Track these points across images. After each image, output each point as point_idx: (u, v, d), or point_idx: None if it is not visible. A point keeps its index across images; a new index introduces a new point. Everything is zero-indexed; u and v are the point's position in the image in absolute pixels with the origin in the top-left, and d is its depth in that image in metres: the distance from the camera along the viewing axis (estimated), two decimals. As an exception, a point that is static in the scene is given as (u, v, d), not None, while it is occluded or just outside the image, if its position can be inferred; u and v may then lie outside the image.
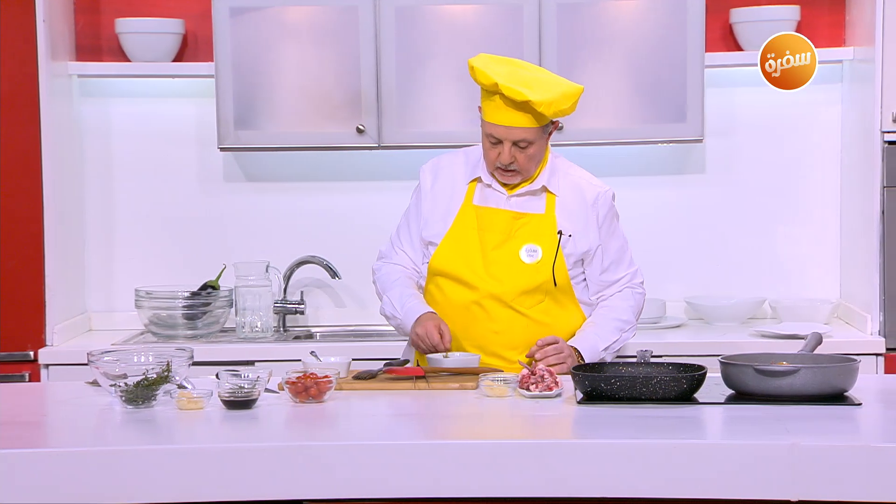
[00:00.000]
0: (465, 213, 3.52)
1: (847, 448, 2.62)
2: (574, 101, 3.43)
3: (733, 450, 2.64)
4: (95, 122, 4.72)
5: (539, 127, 3.41)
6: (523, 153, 3.43)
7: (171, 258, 4.76)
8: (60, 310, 4.40)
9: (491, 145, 3.45)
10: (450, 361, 3.36)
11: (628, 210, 4.73)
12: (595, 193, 3.54)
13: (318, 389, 3.06)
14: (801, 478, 2.59)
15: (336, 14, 4.41)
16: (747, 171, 4.75)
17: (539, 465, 2.64)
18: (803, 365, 3.00)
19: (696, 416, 2.90)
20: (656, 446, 2.65)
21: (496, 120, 3.40)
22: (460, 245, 3.49)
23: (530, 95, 3.34)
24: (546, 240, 3.48)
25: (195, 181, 4.77)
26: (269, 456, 2.65)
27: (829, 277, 4.74)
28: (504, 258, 3.47)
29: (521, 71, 3.44)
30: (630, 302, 3.57)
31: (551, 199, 3.51)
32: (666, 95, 4.41)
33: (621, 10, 4.40)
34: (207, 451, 2.68)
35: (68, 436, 2.93)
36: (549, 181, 3.51)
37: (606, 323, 3.52)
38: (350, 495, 2.65)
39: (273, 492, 2.64)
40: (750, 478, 2.60)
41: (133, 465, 2.65)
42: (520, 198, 3.51)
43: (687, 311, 4.72)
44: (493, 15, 4.40)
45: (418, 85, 4.42)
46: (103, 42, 4.67)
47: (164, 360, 3.06)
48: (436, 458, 2.65)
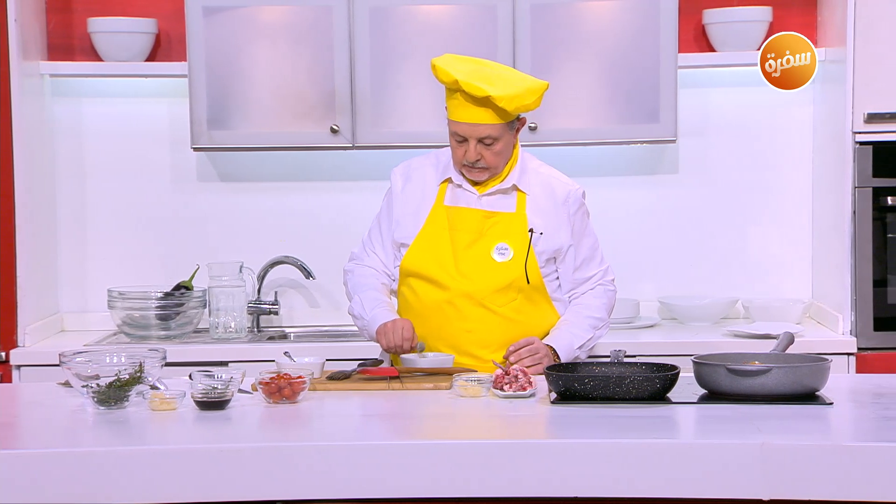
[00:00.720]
0: (437, 214, 3.52)
1: (818, 447, 2.64)
2: (538, 97, 3.43)
3: (705, 449, 2.65)
4: (68, 122, 4.70)
5: (504, 123, 3.42)
6: (489, 150, 3.44)
7: (145, 258, 4.74)
8: (32, 310, 4.38)
9: (457, 143, 3.46)
10: (424, 361, 3.36)
11: (602, 210, 4.75)
12: (566, 191, 3.55)
13: (292, 390, 3.06)
14: (773, 477, 2.61)
15: (310, 14, 4.41)
16: (720, 172, 4.77)
17: (512, 465, 2.64)
18: (775, 364, 3.02)
19: (668, 416, 2.91)
20: (629, 446, 2.66)
21: (460, 118, 3.41)
22: (431, 245, 3.50)
23: (490, 91, 3.35)
24: (517, 238, 3.48)
25: (168, 181, 4.76)
26: (243, 457, 2.65)
27: (801, 277, 4.77)
28: (475, 257, 3.48)
29: (484, 69, 3.44)
30: (603, 300, 3.59)
31: (522, 198, 3.52)
32: (639, 96, 4.42)
33: (595, 10, 4.41)
34: (180, 451, 2.67)
35: (40, 437, 2.92)
36: (519, 180, 3.52)
37: (580, 321, 3.53)
38: (324, 496, 2.65)
39: (246, 493, 2.64)
40: (722, 477, 2.62)
41: (105, 467, 2.64)
42: (490, 197, 3.51)
43: (660, 311, 4.74)
44: (467, 15, 4.40)
45: (392, 85, 4.42)
46: (75, 41, 4.65)
47: (136, 361, 3.05)
48: (409, 459, 2.65)
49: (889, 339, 4.31)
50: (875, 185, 4.30)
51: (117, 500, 2.63)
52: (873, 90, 4.26)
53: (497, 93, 3.36)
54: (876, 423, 2.87)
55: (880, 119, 4.27)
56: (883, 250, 4.33)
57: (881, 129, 4.28)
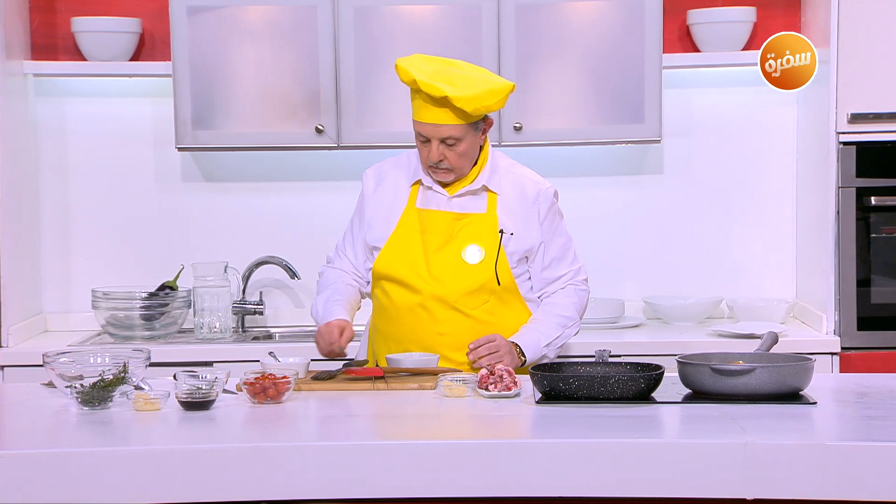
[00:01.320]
0: (408, 217, 3.51)
1: (802, 447, 2.64)
2: (501, 98, 3.41)
3: (689, 449, 2.65)
4: (51, 122, 4.69)
5: (466, 124, 3.40)
6: (452, 151, 3.42)
7: (129, 259, 4.73)
8: (16, 310, 4.36)
9: (421, 144, 3.45)
10: (409, 361, 3.36)
11: (586, 210, 4.77)
12: (536, 190, 3.53)
13: (277, 390, 3.05)
14: (757, 476, 2.61)
15: (294, 14, 4.40)
16: (705, 172, 4.78)
17: (496, 465, 2.64)
18: (759, 364, 3.02)
19: (653, 416, 2.92)
20: (613, 445, 2.66)
21: (422, 118, 3.40)
22: (403, 248, 3.49)
23: (448, 91, 3.33)
24: (488, 239, 3.47)
25: (153, 181, 4.75)
26: (227, 457, 2.64)
27: (785, 277, 4.78)
28: (446, 260, 3.46)
29: (450, 69, 3.43)
30: (573, 298, 3.56)
31: (493, 198, 3.51)
32: (624, 96, 4.43)
33: (579, 11, 4.42)
34: (164, 452, 2.66)
35: (23, 437, 2.90)
36: (489, 180, 3.50)
37: (549, 319, 3.51)
38: (308, 496, 2.64)
39: (231, 493, 2.63)
40: (706, 477, 2.62)
41: (89, 467, 2.63)
42: (461, 198, 3.50)
43: (645, 311, 4.75)
44: (451, 15, 4.41)
45: (377, 85, 4.42)
46: (59, 41, 4.64)
47: (120, 361, 3.04)
48: (394, 459, 2.65)
49: (873, 338, 4.33)
50: (859, 185, 4.32)
51: (101, 500, 2.62)
52: (857, 90, 4.27)
53: (455, 93, 3.34)
54: (859, 423, 2.87)
55: (864, 119, 4.28)
56: (866, 250, 4.34)
57: (865, 130, 4.29)
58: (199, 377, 3.05)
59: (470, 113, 3.37)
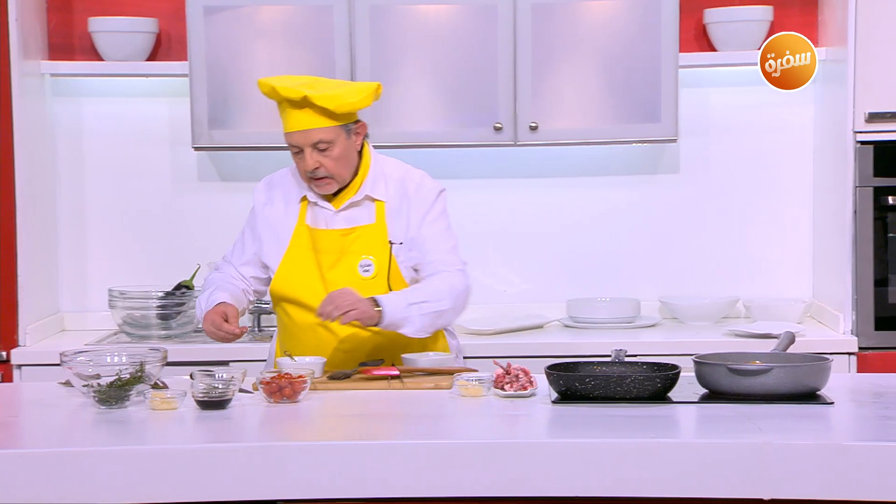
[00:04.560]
0: (299, 235, 3.45)
1: (819, 447, 2.64)
2: (364, 96, 3.36)
3: (706, 449, 2.65)
4: (68, 122, 4.70)
5: (336, 126, 3.35)
6: (326, 156, 3.36)
7: (145, 258, 4.74)
8: (33, 310, 4.38)
9: (296, 156, 3.39)
10: (425, 361, 3.36)
11: (603, 210, 4.77)
12: (416, 186, 3.46)
13: (293, 390, 3.06)
14: (774, 476, 2.61)
15: (310, 13, 4.41)
16: (721, 171, 4.77)
17: (513, 465, 2.64)
18: (776, 364, 3.02)
19: (669, 416, 2.91)
20: (630, 446, 2.65)
21: (290, 128, 3.36)
22: (297, 268, 3.43)
23: (307, 91, 3.30)
24: (378, 251, 3.41)
25: (169, 181, 4.76)
26: (243, 456, 2.65)
27: (801, 277, 4.76)
28: (341, 277, 3.40)
29: (314, 81, 3.41)
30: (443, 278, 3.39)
31: (381, 207, 3.44)
32: (640, 95, 4.42)
33: (596, 10, 4.41)
34: (181, 451, 2.67)
35: (41, 436, 2.92)
36: (372, 189, 3.43)
37: (415, 287, 3.37)
38: (324, 495, 2.65)
39: (247, 492, 2.64)
40: (723, 476, 2.62)
41: (106, 466, 2.64)
42: (347, 211, 3.44)
43: (661, 311, 4.74)
44: (467, 15, 4.40)
45: (393, 85, 4.42)
46: (76, 41, 4.65)
47: (137, 361, 3.05)
48: (410, 459, 2.65)
49: (890, 338, 4.31)
50: (876, 185, 4.30)
51: (118, 499, 2.63)
52: (874, 90, 4.26)
53: (314, 93, 3.31)
54: (876, 423, 2.86)
55: (881, 118, 4.27)
56: (884, 250, 4.32)
57: (882, 129, 4.28)
58: (215, 376, 3.05)
59: (334, 111, 3.32)
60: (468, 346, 4.25)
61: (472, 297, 4.70)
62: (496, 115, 4.43)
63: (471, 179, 4.77)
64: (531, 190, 4.77)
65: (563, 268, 4.78)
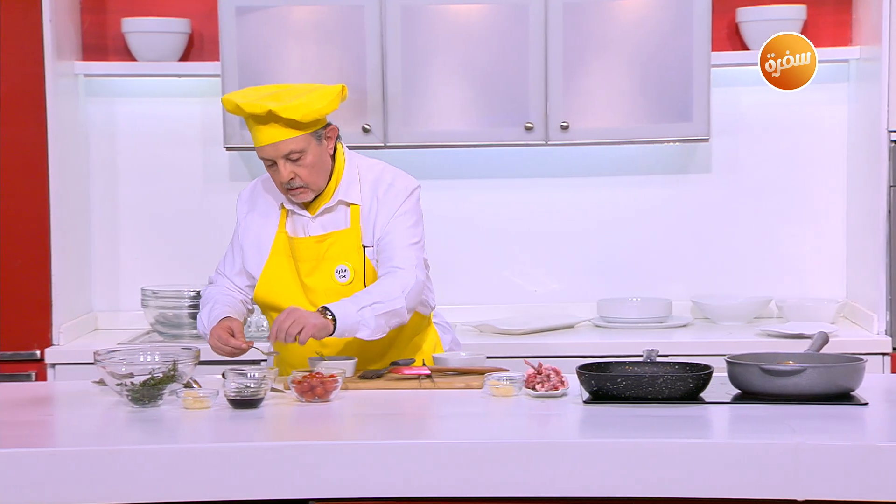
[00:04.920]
0: (280, 243, 3.43)
1: (853, 447, 2.62)
2: (330, 100, 3.32)
3: (739, 449, 2.63)
4: (101, 122, 4.73)
5: (305, 134, 3.31)
6: (299, 166, 3.32)
7: (177, 257, 4.76)
8: (66, 309, 4.40)
9: (270, 169, 3.36)
10: (455, 361, 3.36)
11: (634, 210, 4.75)
12: (386, 188, 3.41)
13: (324, 389, 3.06)
14: (807, 477, 2.59)
15: (342, 13, 4.41)
16: (753, 171, 4.75)
17: (545, 465, 2.64)
18: (809, 364, 3.00)
19: (702, 416, 2.90)
20: (662, 446, 2.64)
21: (260, 142, 3.32)
22: (278, 276, 3.42)
23: (271, 105, 3.27)
24: (353, 256, 3.38)
25: (201, 180, 4.78)
26: (275, 455, 2.66)
27: (835, 277, 4.74)
28: (319, 284, 3.38)
29: (279, 90, 3.36)
30: (397, 277, 3.31)
31: (356, 211, 3.41)
32: (672, 95, 4.40)
33: (627, 9, 4.40)
34: (213, 450, 2.68)
35: (74, 435, 2.93)
36: (346, 193, 3.40)
37: (367, 290, 3.30)
38: (355, 495, 2.65)
39: (279, 491, 2.64)
40: (756, 477, 2.60)
41: (139, 465, 2.65)
42: (323, 217, 3.41)
43: (693, 311, 4.72)
44: (498, 14, 4.40)
45: (424, 84, 4.42)
46: (109, 41, 4.68)
47: (170, 360, 3.06)
48: (441, 458, 2.65)
49: (924, 339, 4.28)
50: (910, 184, 4.28)
51: (151, 498, 2.64)
52: (909, 88, 4.23)
53: (278, 105, 3.27)
54: (911, 424, 2.85)
55: (916, 117, 4.23)
56: (918, 250, 4.29)
57: (917, 128, 4.25)
58: (247, 375, 3.06)
59: (300, 121, 3.28)
60: (498, 346, 4.25)
61: (503, 297, 4.78)
62: (527, 115, 4.42)
63: (501, 179, 4.77)
64: (562, 189, 4.76)
65: (594, 267, 4.77)
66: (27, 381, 4.20)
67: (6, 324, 4.28)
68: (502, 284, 4.78)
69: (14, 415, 3.04)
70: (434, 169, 4.73)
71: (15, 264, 4.30)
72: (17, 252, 4.30)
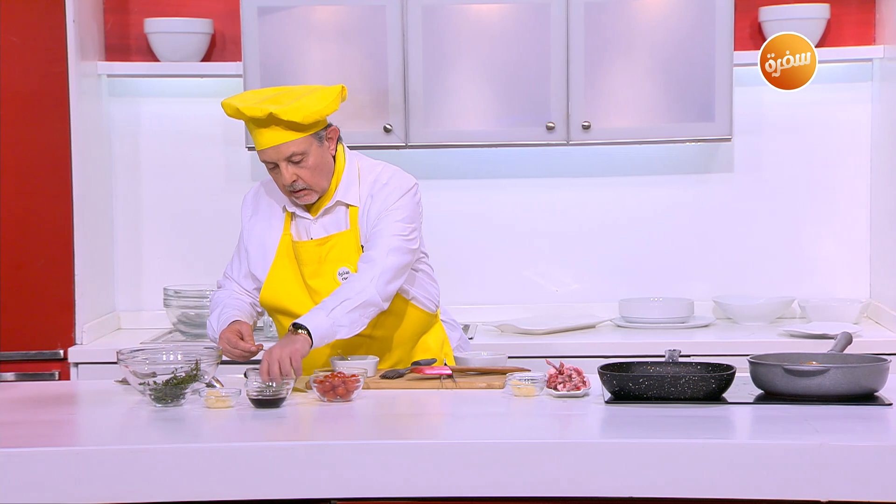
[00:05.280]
0: (284, 246, 3.43)
1: (877, 448, 2.61)
2: (330, 101, 3.31)
3: (762, 450, 2.62)
4: (124, 122, 4.75)
5: (307, 136, 3.31)
6: (303, 168, 3.32)
7: (199, 257, 4.77)
8: (89, 308, 4.42)
9: (272, 171, 3.36)
10: (477, 361, 3.36)
11: (656, 209, 4.74)
12: (381, 188, 3.39)
13: (346, 388, 3.07)
14: (831, 478, 2.58)
15: (363, 13, 4.42)
16: (776, 171, 4.73)
17: (566, 465, 2.64)
18: (833, 365, 2.99)
19: (724, 416, 2.89)
20: (685, 446, 2.64)
21: (261, 145, 3.32)
22: (283, 279, 3.41)
23: (271, 108, 3.26)
24: (354, 258, 3.37)
25: (223, 180, 4.79)
26: (297, 455, 2.66)
27: (858, 277, 4.72)
28: (323, 286, 3.37)
29: (279, 93, 3.35)
30: (361, 269, 3.29)
31: (354, 212, 3.40)
32: (694, 94, 4.39)
33: (649, 8, 4.39)
34: (236, 449, 2.69)
35: (97, 434, 2.95)
36: (345, 195, 3.39)
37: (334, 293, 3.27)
38: (377, 494, 2.65)
39: (301, 490, 2.65)
40: (779, 478, 2.59)
41: (161, 464, 2.66)
42: (324, 218, 3.41)
43: (715, 311, 4.71)
44: (520, 14, 4.40)
45: (445, 84, 4.42)
46: (132, 42, 4.70)
47: (192, 359, 3.07)
48: (463, 458, 2.65)
49: (948, 339, 4.25)
50: (934, 184, 4.25)
51: (173, 497, 2.65)
52: (932, 87, 4.21)
53: (278, 108, 3.26)
54: (936, 425, 2.83)
55: (940, 117, 4.21)
56: (942, 250, 4.27)
57: (941, 127, 4.22)
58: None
59: (301, 122, 3.27)
60: (519, 346, 4.25)
61: (525, 297, 4.77)
62: (548, 115, 4.42)
63: (523, 179, 4.76)
64: (583, 189, 4.75)
65: (615, 267, 4.77)
66: (50, 381, 4.22)
67: (30, 323, 4.31)
68: (524, 284, 4.78)
69: (37, 414, 3.06)
70: (455, 169, 4.74)
71: (38, 264, 4.32)
72: (40, 252, 4.32)
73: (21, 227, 4.29)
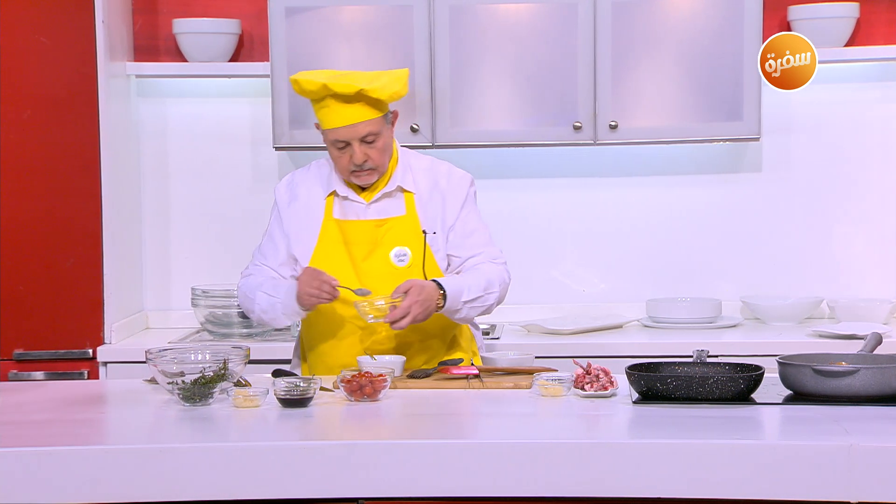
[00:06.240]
0: (328, 229, 3.45)
1: (907, 450, 2.59)
2: (404, 83, 3.40)
3: (791, 450, 2.61)
4: (152, 122, 4.77)
5: (381, 116, 3.37)
6: (374, 148, 3.37)
7: (227, 257, 4.78)
8: (118, 308, 4.44)
9: (339, 152, 3.38)
10: (504, 360, 3.35)
11: (684, 209, 4.72)
12: (447, 175, 3.48)
13: (373, 388, 3.07)
14: (860, 479, 2.57)
15: (390, 13, 4.42)
16: (804, 170, 4.71)
17: (594, 465, 2.63)
18: (862, 365, 2.97)
19: (753, 417, 2.88)
20: (713, 447, 2.63)
21: (336, 123, 3.35)
22: (329, 261, 3.42)
23: (361, 84, 3.31)
24: (413, 240, 3.41)
25: (250, 180, 4.80)
26: (325, 454, 2.66)
27: (887, 277, 4.69)
28: (375, 267, 3.40)
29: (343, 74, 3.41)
30: (496, 270, 3.44)
31: (410, 198, 3.45)
32: (722, 93, 4.37)
33: (677, 7, 4.37)
34: (263, 448, 2.69)
35: (126, 433, 2.96)
36: (402, 180, 3.44)
37: (475, 277, 3.39)
38: (405, 494, 2.65)
39: (328, 490, 2.65)
40: (808, 479, 2.58)
41: (190, 463, 2.67)
42: (378, 203, 3.44)
43: (743, 311, 4.69)
44: (547, 13, 4.39)
45: (472, 84, 4.42)
46: (160, 42, 4.72)
47: (220, 359, 3.08)
48: (490, 458, 2.65)
49: (979, 340, 4.22)
50: (965, 183, 4.22)
51: (202, 496, 2.65)
52: (963, 86, 4.17)
53: (368, 85, 3.32)
54: (967, 426, 2.81)
55: (970, 116, 4.18)
56: (973, 250, 4.24)
57: (971, 126, 4.19)
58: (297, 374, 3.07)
59: (384, 101, 3.35)
60: (546, 346, 4.24)
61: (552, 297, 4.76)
62: (576, 114, 4.41)
63: (550, 179, 4.76)
64: (611, 189, 4.74)
65: (642, 267, 4.75)
66: (79, 380, 4.24)
67: (59, 322, 4.33)
68: (550, 284, 4.77)
69: (66, 413, 3.07)
70: (482, 168, 4.73)
71: (68, 263, 4.35)
72: (69, 251, 4.34)
73: (50, 226, 4.32)
